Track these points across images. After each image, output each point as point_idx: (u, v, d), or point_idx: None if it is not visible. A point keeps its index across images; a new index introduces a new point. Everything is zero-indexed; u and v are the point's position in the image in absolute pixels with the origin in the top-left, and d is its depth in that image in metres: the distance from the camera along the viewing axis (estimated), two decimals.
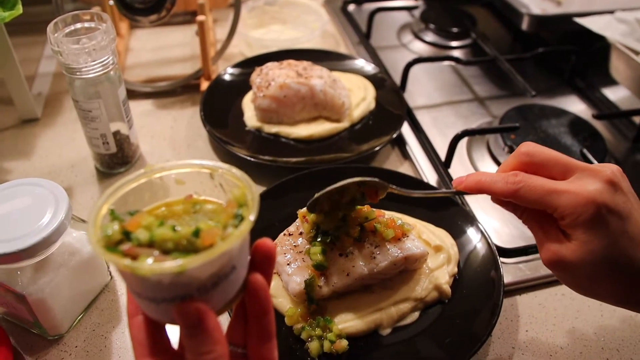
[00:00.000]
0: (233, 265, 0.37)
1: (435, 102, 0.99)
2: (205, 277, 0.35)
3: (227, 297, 0.38)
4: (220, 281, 0.36)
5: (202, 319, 0.35)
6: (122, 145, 0.80)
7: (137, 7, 0.89)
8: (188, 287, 0.35)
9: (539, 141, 0.84)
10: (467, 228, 0.72)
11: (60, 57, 0.70)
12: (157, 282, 0.34)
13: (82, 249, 0.62)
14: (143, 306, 0.38)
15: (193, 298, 0.35)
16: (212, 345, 0.35)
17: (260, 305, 0.39)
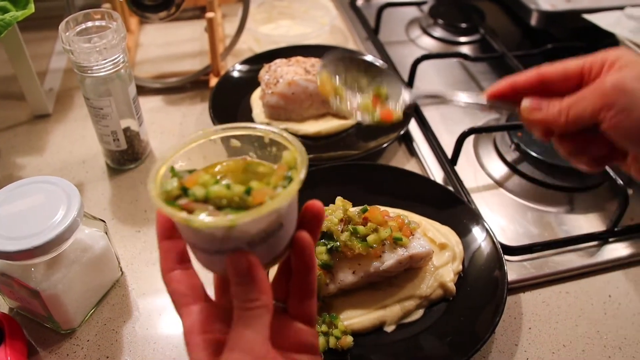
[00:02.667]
0: (281, 223, 0.39)
1: None
2: (254, 233, 0.37)
3: (274, 252, 0.40)
4: (269, 237, 0.38)
5: (251, 269, 0.37)
6: (132, 142, 0.82)
7: (147, 4, 0.89)
8: (238, 241, 0.37)
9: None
10: (472, 226, 0.73)
11: (71, 56, 0.71)
12: (210, 235, 0.37)
13: (94, 246, 0.64)
14: (197, 257, 0.41)
15: (244, 250, 0.38)
16: (258, 293, 0.37)
17: (305, 262, 0.41)
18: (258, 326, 0.37)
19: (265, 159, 0.43)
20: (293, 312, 0.43)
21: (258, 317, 0.37)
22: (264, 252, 0.39)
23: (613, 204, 0.80)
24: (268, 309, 0.38)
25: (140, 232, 0.75)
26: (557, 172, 0.82)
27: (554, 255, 0.74)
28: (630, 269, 0.74)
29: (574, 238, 0.75)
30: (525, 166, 0.84)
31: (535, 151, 0.83)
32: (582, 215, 0.80)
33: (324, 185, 0.77)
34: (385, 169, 0.81)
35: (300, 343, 0.42)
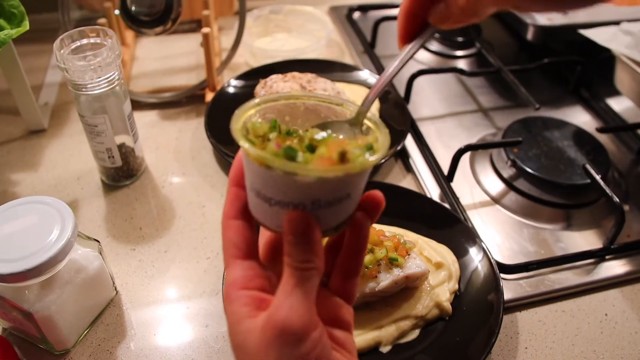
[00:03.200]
0: (348, 193, 0.38)
1: (439, 113, 1.00)
2: (323, 192, 0.36)
3: (332, 222, 0.39)
4: (333, 203, 0.37)
5: (310, 229, 0.36)
6: (127, 159, 0.81)
7: (143, 19, 0.89)
8: (305, 196, 0.36)
9: (542, 155, 0.85)
10: (469, 244, 0.73)
11: (66, 74, 0.71)
12: (278, 180, 0.35)
13: (88, 266, 0.63)
14: (255, 206, 0.39)
15: (305, 209, 0.37)
16: (312, 256, 0.36)
17: (359, 241, 0.41)
18: (307, 287, 0.36)
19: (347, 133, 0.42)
20: (334, 288, 0.42)
21: (308, 278, 0.36)
22: (324, 219, 0.38)
23: (609, 221, 0.80)
24: (319, 273, 0.37)
25: (135, 250, 0.75)
26: (554, 189, 0.82)
27: (550, 274, 0.74)
28: (626, 287, 0.74)
29: (570, 256, 0.74)
30: (521, 182, 0.84)
31: (531, 167, 0.83)
32: (578, 232, 0.80)
33: None
34: (381, 186, 0.81)
35: (337, 318, 0.42)
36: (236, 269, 0.39)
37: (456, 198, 0.81)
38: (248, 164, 0.38)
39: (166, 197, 0.82)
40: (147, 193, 0.83)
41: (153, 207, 0.81)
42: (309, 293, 0.36)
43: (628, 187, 0.87)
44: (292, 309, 0.35)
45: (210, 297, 0.69)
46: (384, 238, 0.67)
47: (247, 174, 0.39)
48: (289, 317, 0.35)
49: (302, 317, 0.35)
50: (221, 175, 0.86)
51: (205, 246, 0.76)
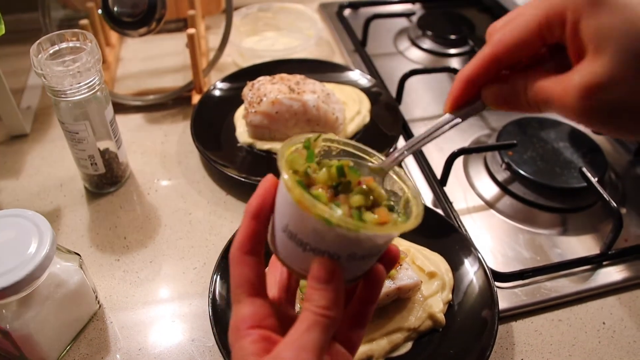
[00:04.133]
0: (380, 250, 0.39)
1: (432, 114, 0.97)
2: (360, 248, 0.37)
3: (356, 273, 0.40)
4: (365, 258, 0.38)
5: (337, 280, 0.36)
6: (111, 166, 0.79)
7: (126, 20, 0.86)
8: (343, 249, 0.36)
9: (537, 157, 0.83)
10: (462, 252, 0.71)
11: (44, 80, 0.68)
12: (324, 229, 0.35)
13: (69, 280, 0.61)
14: (284, 247, 0.39)
15: (340, 260, 0.37)
16: (334, 305, 0.36)
17: (372, 293, 0.41)
18: (321, 334, 0.35)
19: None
20: (339, 337, 0.41)
21: (324, 326, 0.36)
22: (350, 270, 0.38)
23: (606, 225, 0.78)
24: (335, 324, 0.36)
25: (119, 261, 0.72)
26: (550, 193, 0.80)
27: (546, 281, 0.72)
28: (624, 294, 0.72)
29: (566, 263, 0.73)
30: (516, 186, 0.81)
31: (526, 171, 0.81)
32: (574, 237, 0.78)
33: None
34: None
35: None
36: (248, 306, 0.38)
37: (449, 203, 0.79)
38: (290, 207, 0.36)
39: (151, 205, 0.80)
40: (132, 200, 0.80)
41: (138, 215, 0.78)
42: (321, 340, 0.35)
43: (625, 189, 0.85)
44: (301, 350, 0.34)
45: (197, 310, 0.67)
46: None
47: (283, 214, 0.38)
48: (296, 357, 0.34)
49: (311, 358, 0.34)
50: (208, 180, 0.84)
51: (191, 256, 0.73)
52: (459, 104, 0.43)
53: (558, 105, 0.36)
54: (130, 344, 0.64)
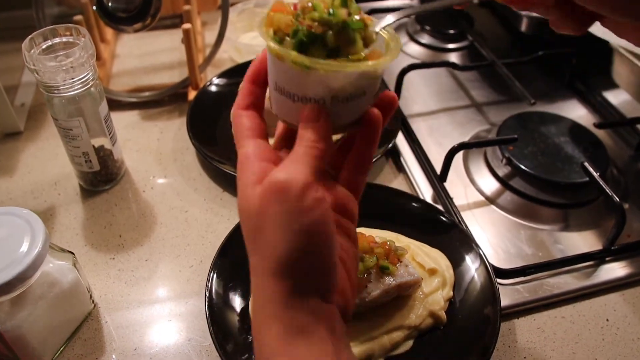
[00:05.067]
0: (364, 91, 0.41)
1: (431, 109, 0.96)
2: (343, 88, 0.40)
3: (348, 118, 0.42)
4: (350, 100, 0.41)
5: (323, 119, 0.40)
6: (105, 163, 0.78)
7: (120, 15, 0.85)
8: (326, 92, 0.40)
9: (538, 152, 0.81)
10: (463, 248, 0.70)
11: (36, 76, 0.67)
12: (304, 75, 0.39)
13: (62, 280, 0.60)
14: (278, 103, 0.43)
15: (325, 104, 0.40)
16: (321, 139, 0.39)
17: (370, 136, 0.43)
18: (312, 160, 0.38)
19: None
20: (343, 180, 0.44)
21: (314, 156, 0.39)
22: (339, 115, 0.41)
23: (608, 220, 0.77)
24: (325, 156, 0.40)
25: (114, 260, 0.71)
26: (551, 188, 0.79)
27: (548, 277, 0.71)
28: (627, 290, 0.71)
29: (568, 259, 0.72)
30: (517, 181, 0.80)
31: (527, 166, 0.79)
32: (577, 233, 0.77)
33: None
34: (371, 187, 0.77)
35: (343, 207, 0.43)
36: (249, 145, 0.41)
37: (450, 199, 0.78)
38: (276, 64, 0.41)
39: (147, 202, 0.79)
40: (128, 198, 0.79)
41: (133, 213, 0.77)
42: (313, 165, 0.38)
43: (627, 184, 0.84)
44: (295, 169, 0.38)
45: (194, 309, 0.66)
46: (374, 245, 0.63)
47: (272, 74, 0.42)
48: (290, 175, 0.37)
49: (304, 176, 0.37)
50: (204, 177, 0.82)
51: (188, 254, 0.72)
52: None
53: None
54: (126, 344, 0.63)
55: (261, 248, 0.38)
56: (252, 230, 0.39)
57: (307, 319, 0.37)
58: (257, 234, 0.39)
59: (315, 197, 0.37)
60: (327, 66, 0.38)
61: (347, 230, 0.44)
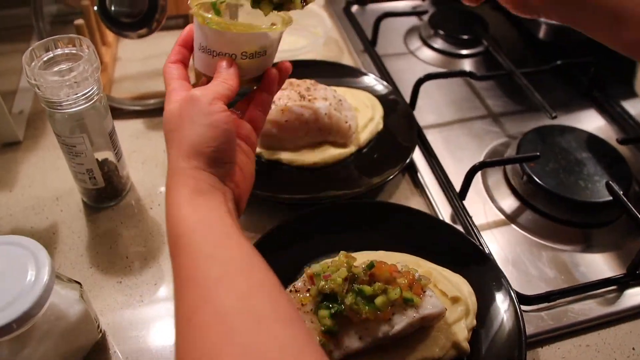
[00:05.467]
0: (265, 50, 0.55)
1: (447, 119, 0.93)
2: (248, 46, 0.54)
3: (253, 74, 0.57)
4: (254, 57, 0.55)
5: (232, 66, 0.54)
6: (110, 179, 0.74)
7: (124, 21, 0.81)
8: (236, 48, 0.54)
9: (560, 169, 0.79)
10: (485, 272, 0.67)
11: (38, 91, 0.63)
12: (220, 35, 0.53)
13: (69, 311, 0.57)
14: (201, 60, 0.56)
15: (236, 58, 0.54)
16: (230, 78, 0.53)
17: (269, 87, 0.58)
18: (221, 90, 0.51)
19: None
20: (247, 117, 0.58)
21: (224, 87, 0.52)
22: (247, 69, 0.56)
23: (631, 241, 0.75)
24: (232, 90, 0.52)
25: (121, 283, 0.68)
26: (573, 207, 0.76)
27: (572, 303, 0.68)
28: None
29: (592, 284, 0.69)
30: (538, 199, 0.78)
31: (549, 184, 0.77)
32: (599, 255, 0.74)
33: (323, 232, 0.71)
34: (389, 207, 0.74)
35: (245, 135, 0.57)
36: (176, 83, 0.54)
37: (469, 218, 0.75)
38: (201, 29, 0.54)
39: (154, 220, 0.75)
40: (134, 215, 0.76)
41: (140, 231, 0.74)
42: (221, 92, 0.51)
43: None
44: (207, 89, 0.51)
45: None
46: (396, 274, 0.60)
47: (197, 37, 0.55)
48: (203, 91, 0.51)
49: (213, 93, 0.50)
50: None
51: None
52: None
53: None
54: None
55: (178, 140, 0.50)
56: (172, 129, 0.51)
57: (207, 186, 0.49)
58: (175, 131, 0.51)
59: (220, 106, 0.50)
60: (237, 28, 0.52)
61: (247, 152, 0.56)
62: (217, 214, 0.48)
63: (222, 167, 0.51)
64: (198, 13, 0.53)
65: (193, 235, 0.45)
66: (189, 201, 0.47)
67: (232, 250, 0.45)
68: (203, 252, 0.44)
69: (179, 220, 0.46)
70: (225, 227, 0.47)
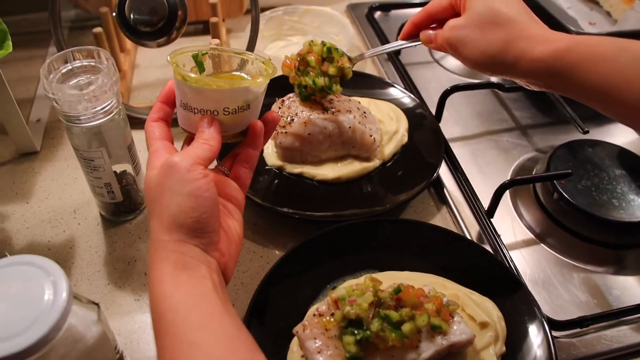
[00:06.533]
0: (248, 105, 0.53)
1: (473, 132, 0.90)
2: (230, 102, 0.52)
3: (235, 129, 0.55)
4: (237, 112, 0.53)
5: (213, 124, 0.52)
6: (129, 193, 0.72)
7: (143, 30, 0.79)
8: (217, 105, 0.52)
9: (592, 187, 0.76)
10: (514, 295, 0.64)
11: (56, 105, 0.61)
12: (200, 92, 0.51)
13: (86, 334, 0.55)
14: (183, 118, 0.54)
15: (217, 115, 0.52)
16: (211, 138, 0.51)
17: (254, 142, 0.56)
18: (201, 153, 0.49)
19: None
20: (233, 176, 0.57)
21: (204, 149, 0.50)
22: (230, 124, 0.54)
23: None
24: (213, 151, 0.50)
25: (139, 301, 0.66)
26: (606, 227, 0.73)
27: (605, 329, 0.66)
28: None
29: (627, 309, 0.66)
30: (569, 218, 0.75)
31: (581, 203, 0.74)
32: (633, 277, 0.71)
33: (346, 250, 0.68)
34: (414, 225, 0.72)
35: (231, 195, 0.55)
36: (158, 144, 0.53)
37: (498, 236, 0.72)
38: (181, 86, 0.52)
39: None
40: None
41: None
42: (201, 155, 0.49)
43: None
44: (186, 154, 0.49)
45: None
46: (424, 299, 0.58)
47: (178, 95, 0.53)
48: (182, 157, 0.48)
49: (192, 159, 0.48)
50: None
51: None
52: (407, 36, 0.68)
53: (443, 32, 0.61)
54: None
55: (159, 211, 0.48)
56: (153, 199, 0.49)
57: (190, 260, 0.47)
58: (156, 201, 0.49)
59: (200, 172, 0.48)
60: (218, 84, 0.51)
61: (234, 214, 0.55)
62: (200, 291, 0.46)
63: (205, 237, 0.49)
64: (176, 70, 0.51)
65: (176, 316, 0.45)
66: (171, 278, 0.46)
67: (216, 334, 0.44)
68: (186, 338, 0.43)
69: (161, 297, 0.46)
70: (208, 306, 0.46)
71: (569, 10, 1.00)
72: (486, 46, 0.57)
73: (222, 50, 0.58)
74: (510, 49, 0.56)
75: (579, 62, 0.53)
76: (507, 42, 0.56)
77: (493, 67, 0.58)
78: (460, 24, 0.59)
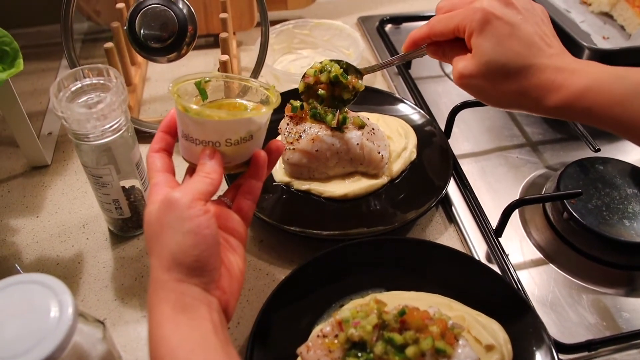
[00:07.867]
0: (251, 135, 0.52)
1: (483, 148, 0.89)
2: (232, 134, 0.51)
3: (240, 159, 0.54)
4: (240, 143, 0.52)
5: (215, 156, 0.51)
6: (136, 209, 0.73)
7: (153, 46, 0.80)
8: (219, 136, 0.51)
9: (603, 206, 0.75)
10: (521, 317, 0.64)
11: (65, 123, 0.62)
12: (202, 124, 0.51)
13: (92, 351, 0.55)
14: (185, 149, 0.54)
15: (220, 146, 0.52)
16: (213, 171, 0.51)
17: (257, 173, 0.55)
18: (202, 187, 0.49)
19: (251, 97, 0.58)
20: (235, 208, 0.56)
21: (205, 183, 0.49)
22: (233, 154, 0.53)
23: None
24: (214, 185, 0.50)
25: (146, 317, 0.67)
26: (616, 247, 0.72)
27: (614, 353, 0.65)
28: None
29: (638, 332, 0.65)
30: (579, 238, 0.74)
31: (591, 222, 0.72)
32: None
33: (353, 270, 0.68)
34: (421, 244, 0.71)
35: (233, 228, 0.54)
36: (159, 176, 0.52)
37: (505, 256, 0.71)
38: (183, 117, 0.52)
39: None
40: None
41: None
42: (202, 189, 0.49)
43: None
44: (185, 189, 0.48)
45: None
46: (428, 322, 0.57)
47: (180, 125, 0.53)
48: (182, 192, 0.48)
49: (192, 194, 0.48)
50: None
51: None
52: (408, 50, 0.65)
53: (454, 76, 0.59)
54: None
55: (158, 250, 0.48)
56: (152, 236, 0.49)
57: (190, 300, 0.47)
58: (155, 239, 0.48)
59: (200, 208, 0.47)
60: (219, 115, 0.50)
61: (236, 248, 0.54)
62: (199, 333, 0.46)
63: (205, 275, 0.48)
64: (177, 101, 0.51)
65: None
66: (171, 320, 0.46)
67: None
68: None
69: (160, 339, 0.45)
70: (207, 351, 0.45)
71: (582, 24, 0.99)
72: (499, 98, 0.57)
73: (225, 77, 0.58)
74: (524, 100, 0.56)
75: (593, 107, 0.53)
76: (520, 95, 0.56)
77: (512, 110, 0.62)
78: (470, 73, 0.57)
